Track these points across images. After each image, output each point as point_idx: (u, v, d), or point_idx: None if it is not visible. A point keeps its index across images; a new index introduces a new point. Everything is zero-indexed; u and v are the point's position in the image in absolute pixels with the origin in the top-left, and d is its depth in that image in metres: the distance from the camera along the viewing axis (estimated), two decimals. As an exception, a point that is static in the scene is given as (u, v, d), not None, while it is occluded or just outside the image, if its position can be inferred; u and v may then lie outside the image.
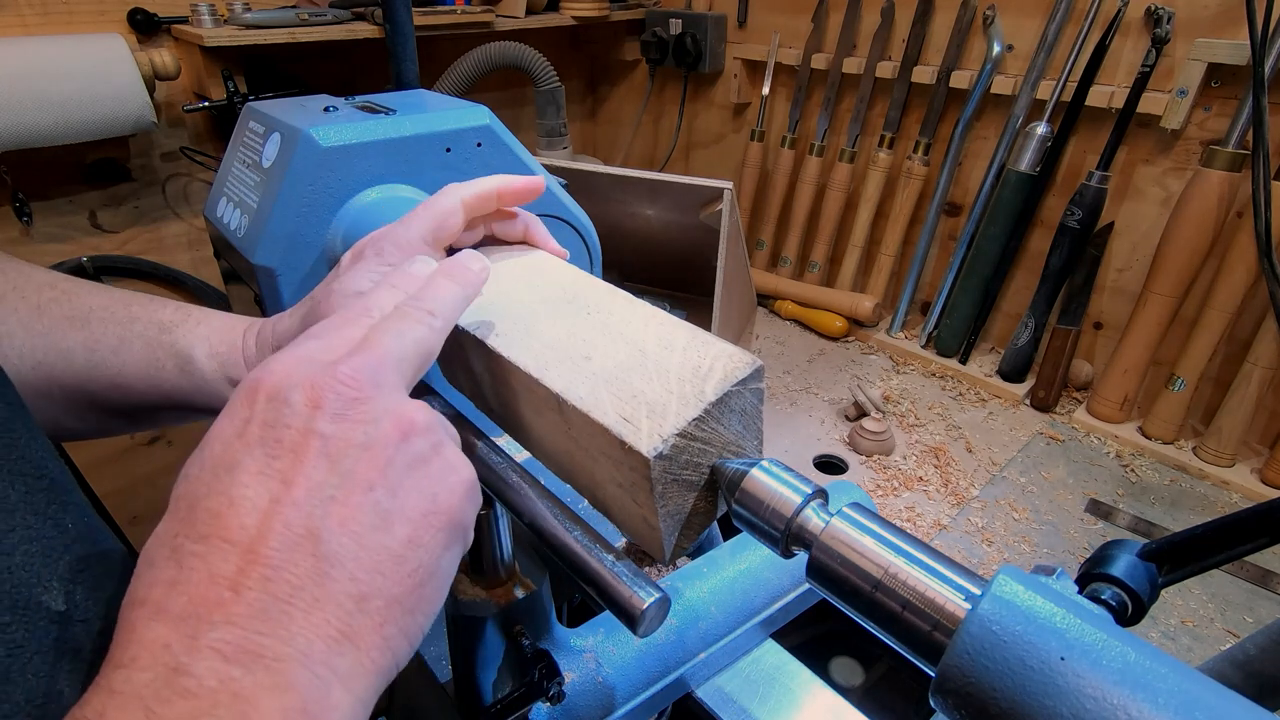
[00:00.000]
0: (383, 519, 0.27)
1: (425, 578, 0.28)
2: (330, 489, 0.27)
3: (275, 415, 0.27)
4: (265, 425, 0.27)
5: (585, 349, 0.37)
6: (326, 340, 0.31)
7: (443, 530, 0.29)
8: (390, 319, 0.32)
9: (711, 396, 0.33)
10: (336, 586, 0.26)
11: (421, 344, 0.32)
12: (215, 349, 0.45)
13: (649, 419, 0.32)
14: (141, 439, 1.33)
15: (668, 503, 0.34)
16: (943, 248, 1.33)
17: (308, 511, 0.26)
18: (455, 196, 0.43)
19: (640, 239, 1.21)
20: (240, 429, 0.28)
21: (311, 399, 0.28)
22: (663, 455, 0.32)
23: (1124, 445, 1.07)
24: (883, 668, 0.97)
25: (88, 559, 0.31)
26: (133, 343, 0.45)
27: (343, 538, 0.26)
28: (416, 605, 0.28)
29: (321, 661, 0.24)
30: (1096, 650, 0.25)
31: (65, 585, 0.29)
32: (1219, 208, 0.95)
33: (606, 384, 0.35)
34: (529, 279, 0.44)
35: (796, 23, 1.40)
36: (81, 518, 0.32)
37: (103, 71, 1.01)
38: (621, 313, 0.40)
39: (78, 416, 0.46)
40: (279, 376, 0.28)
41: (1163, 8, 0.97)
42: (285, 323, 0.44)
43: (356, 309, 0.33)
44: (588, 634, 0.53)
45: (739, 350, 0.35)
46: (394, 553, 0.27)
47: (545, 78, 1.29)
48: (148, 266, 1.25)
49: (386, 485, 0.28)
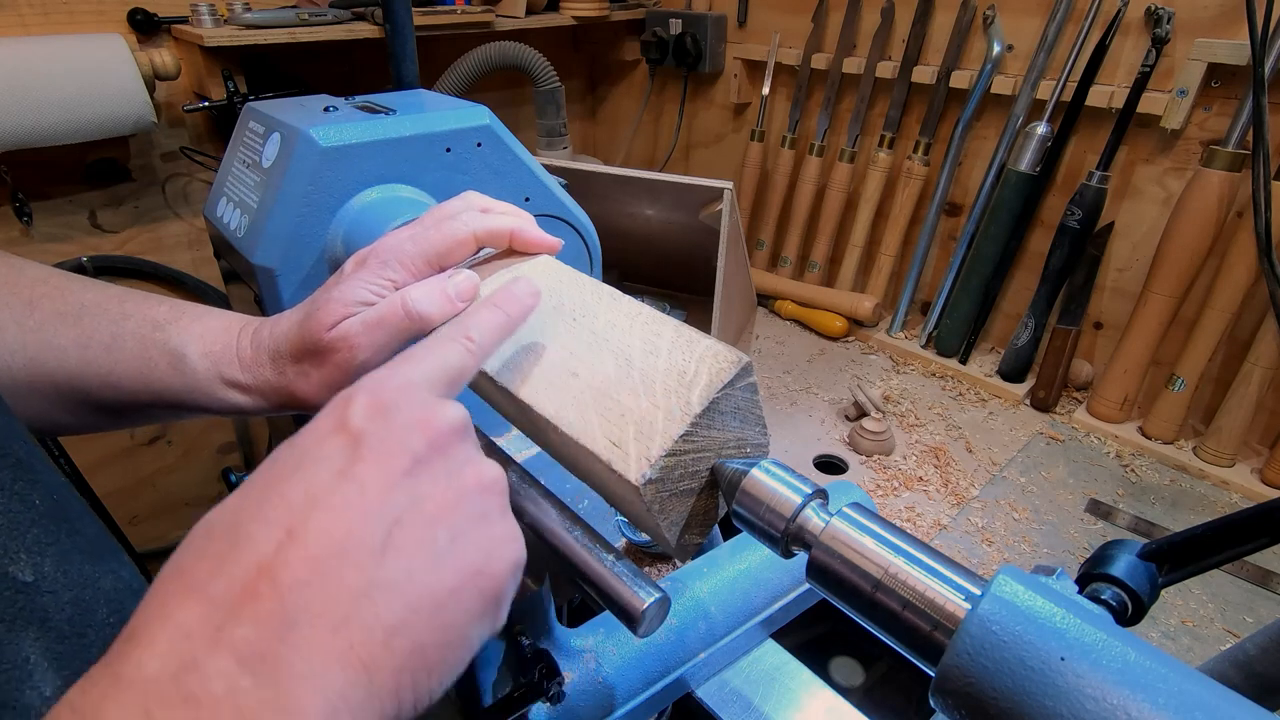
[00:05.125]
0: (436, 561, 0.27)
1: (454, 639, 0.27)
2: (400, 511, 0.27)
3: (377, 425, 0.28)
4: (362, 432, 0.28)
5: (572, 364, 0.37)
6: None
7: (485, 595, 0.28)
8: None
9: (698, 408, 0.33)
10: (371, 611, 0.25)
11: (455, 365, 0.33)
12: (209, 348, 0.45)
13: (637, 441, 0.32)
14: (141, 439, 1.33)
15: (669, 514, 0.34)
16: (943, 248, 1.33)
17: (374, 527, 0.26)
18: (469, 228, 0.43)
19: (640, 239, 1.21)
20: (337, 427, 0.28)
21: (421, 422, 0.29)
22: (652, 480, 0.32)
23: (1124, 445, 1.07)
24: (883, 668, 0.97)
25: (57, 534, 0.32)
26: (125, 340, 0.45)
27: (396, 565, 0.26)
28: (436, 664, 0.26)
29: (336, 690, 0.24)
30: (1096, 650, 0.25)
31: (33, 557, 0.30)
32: (1219, 208, 0.94)
33: (595, 402, 0.35)
34: None
35: (796, 23, 1.40)
36: (51, 495, 0.33)
37: (103, 71, 1.01)
38: (606, 315, 0.40)
39: (69, 412, 0.46)
40: (389, 391, 0.29)
41: (1163, 8, 0.97)
42: (283, 324, 0.44)
43: None
44: (588, 634, 0.53)
45: (724, 349, 0.35)
46: (436, 598, 0.27)
47: (545, 78, 1.29)
48: (148, 267, 1.25)
49: (450, 529, 0.28)
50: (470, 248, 0.43)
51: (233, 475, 0.58)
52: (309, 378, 0.43)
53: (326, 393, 0.43)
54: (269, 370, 0.44)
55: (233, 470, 0.59)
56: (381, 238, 0.45)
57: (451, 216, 0.44)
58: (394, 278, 0.42)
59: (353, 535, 0.25)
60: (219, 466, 1.44)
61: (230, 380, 0.44)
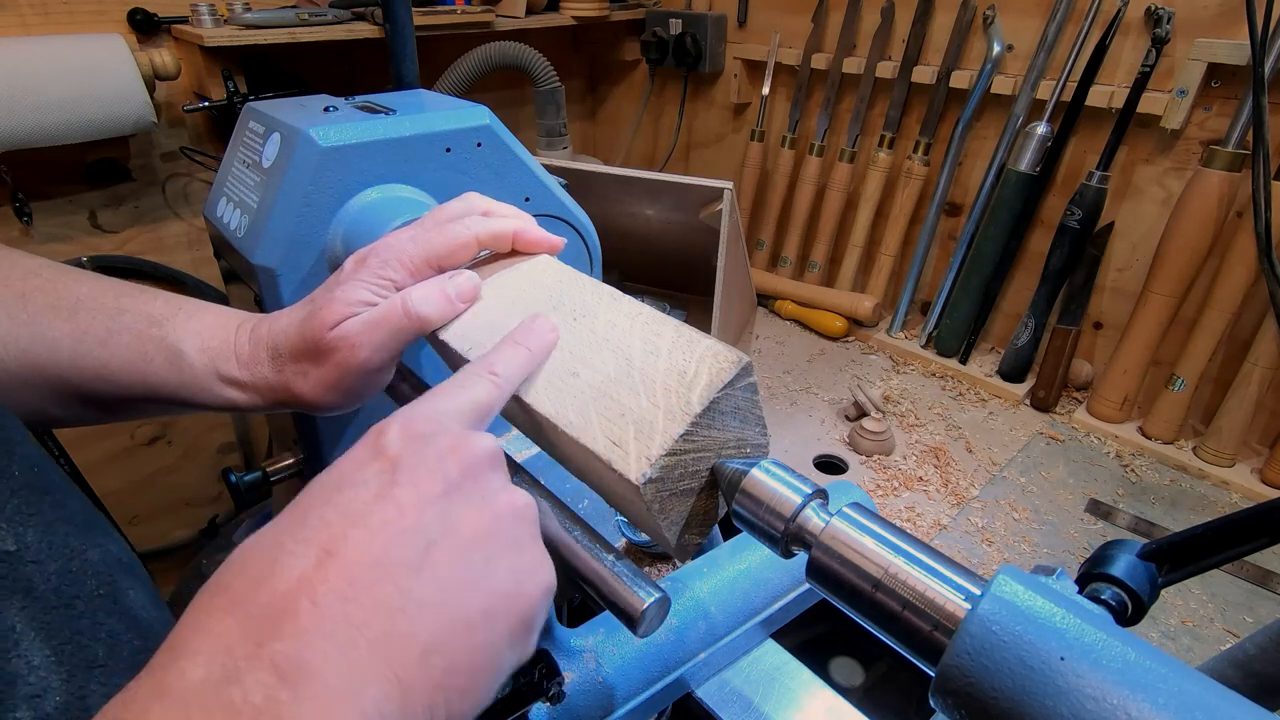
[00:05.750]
0: (470, 583, 0.27)
1: (484, 663, 0.27)
2: (436, 533, 0.27)
3: (412, 451, 0.29)
4: (398, 458, 0.28)
5: (572, 363, 0.37)
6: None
7: (517, 620, 0.29)
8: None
9: (698, 408, 0.33)
10: (408, 628, 0.25)
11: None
12: (206, 344, 0.45)
13: (636, 440, 0.33)
14: (141, 439, 1.33)
15: (669, 513, 0.34)
16: (943, 248, 1.33)
17: (411, 546, 0.26)
18: (471, 231, 0.43)
19: (640, 239, 1.21)
20: (376, 452, 0.29)
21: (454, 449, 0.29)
22: (652, 480, 0.32)
23: (1124, 445, 1.07)
24: (883, 668, 0.97)
25: (39, 505, 0.32)
26: (121, 335, 0.45)
27: (432, 584, 0.26)
28: (468, 687, 0.27)
29: (372, 704, 0.24)
30: (1096, 650, 0.25)
31: (14, 527, 0.30)
32: (1219, 208, 0.94)
33: (595, 401, 0.35)
34: (515, 296, 0.44)
35: (796, 23, 1.40)
36: (31, 468, 0.33)
37: (103, 71, 1.01)
38: (606, 315, 0.40)
39: (62, 405, 0.46)
40: (423, 420, 0.30)
41: (1163, 8, 0.97)
42: (281, 322, 0.44)
43: None
44: (588, 634, 0.53)
45: (724, 349, 0.35)
46: (469, 620, 0.27)
47: (545, 78, 1.29)
48: (148, 266, 1.25)
49: (485, 553, 0.28)
50: (472, 251, 0.44)
51: (233, 475, 0.58)
52: (307, 376, 0.43)
53: (323, 391, 0.43)
54: (267, 368, 0.44)
55: (233, 470, 0.59)
56: (383, 237, 0.45)
57: (454, 219, 0.44)
58: (395, 278, 0.42)
59: (390, 553, 0.26)
60: (219, 466, 1.44)
61: (227, 377, 0.44)
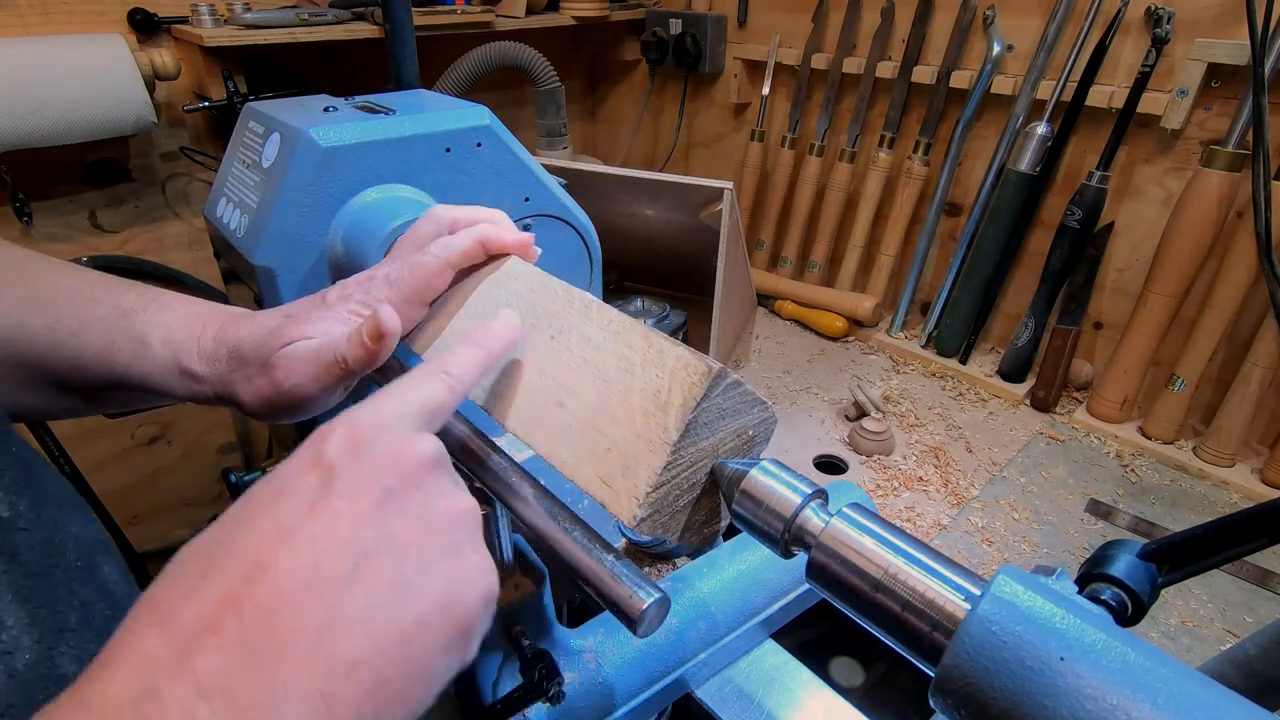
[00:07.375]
0: (403, 593, 0.27)
1: (419, 671, 0.27)
2: (367, 546, 0.27)
3: (349, 460, 0.28)
4: (334, 466, 0.28)
5: (558, 393, 0.38)
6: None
7: (454, 629, 0.28)
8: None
9: (674, 435, 0.33)
10: (333, 645, 0.25)
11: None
12: (171, 336, 0.46)
13: (624, 478, 0.33)
14: (141, 439, 1.33)
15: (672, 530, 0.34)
16: (943, 248, 1.33)
17: (341, 562, 0.26)
18: (441, 259, 0.44)
19: (640, 239, 1.21)
20: (315, 459, 0.28)
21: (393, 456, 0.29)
22: (644, 519, 0.32)
23: (1124, 445, 1.07)
24: (883, 668, 0.97)
25: (29, 480, 0.33)
26: (93, 325, 0.46)
27: (361, 597, 0.26)
28: (400, 696, 0.26)
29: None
30: (1096, 650, 0.25)
31: (9, 495, 0.31)
32: (1219, 208, 0.94)
33: (582, 436, 0.35)
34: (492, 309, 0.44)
35: (796, 23, 1.40)
36: (21, 452, 0.34)
37: (103, 71, 1.00)
38: (580, 328, 0.39)
39: (38, 394, 0.47)
40: (365, 425, 0.30)
41: (1163, 8, 0.97)
42: (250, 325, 0.45)
43: None
44: (588, 634, 0.53)
45: (694, 359, 0.34)
46: (401, 631, 0.27)
47: (545, 78, 1.29)
48: (148, 266, 1.25)
49: (420, 562, 0.28)
50: (447, 277, 0.45)
51: (232, 475, 0.58)
52: (250, 382, 0.44)
53: (258, 402, 0.44)
54: (224, 365, 0.45)
55: (232, 470, 0.59)
56: (366, 272, 0.46)
57: (421, 249, 0.45)
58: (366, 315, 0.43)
59: (320, 569, 0.26)
60: (219, 466, 1.44)
61: (186, 370, 0.46)
